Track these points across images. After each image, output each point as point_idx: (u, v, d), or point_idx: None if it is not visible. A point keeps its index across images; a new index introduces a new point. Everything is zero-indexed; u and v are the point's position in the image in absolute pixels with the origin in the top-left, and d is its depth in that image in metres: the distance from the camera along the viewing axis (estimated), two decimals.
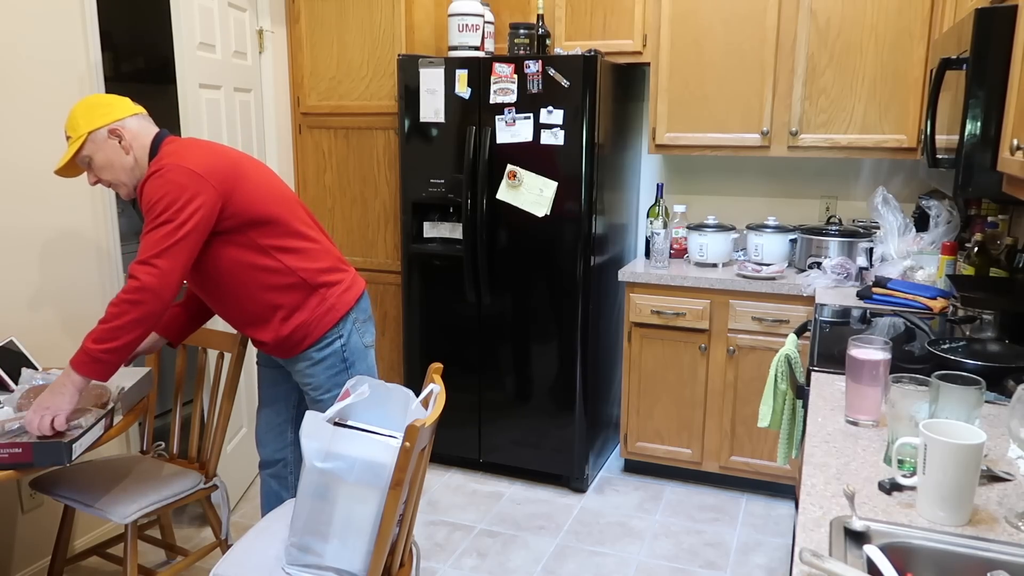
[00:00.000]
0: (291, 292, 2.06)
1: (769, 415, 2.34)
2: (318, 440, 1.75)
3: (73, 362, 1.84)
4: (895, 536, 1.16)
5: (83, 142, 1.97)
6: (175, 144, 2.02)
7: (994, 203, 2.62)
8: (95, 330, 1.84)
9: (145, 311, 1.84)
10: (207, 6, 2.80)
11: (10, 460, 1.78)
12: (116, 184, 2.03)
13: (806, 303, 2.99)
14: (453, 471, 3.47)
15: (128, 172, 2.01)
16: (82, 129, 1.97)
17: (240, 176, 1.99)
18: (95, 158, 1.99)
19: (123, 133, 1.99)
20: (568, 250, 3.09)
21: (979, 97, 1.74)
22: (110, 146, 1.99)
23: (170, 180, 1.88)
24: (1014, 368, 1.77)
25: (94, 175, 2.02)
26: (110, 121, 1.99)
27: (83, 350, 1.84)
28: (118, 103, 2.04)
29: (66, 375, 1.85)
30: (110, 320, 1.84)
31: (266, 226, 2.01)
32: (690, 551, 2.86)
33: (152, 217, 1.87)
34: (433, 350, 3.38)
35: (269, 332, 2.09)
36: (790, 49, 3.11)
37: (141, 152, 2.01)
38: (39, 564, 2.58)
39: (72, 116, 2.00)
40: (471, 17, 3.17)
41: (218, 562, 1.86)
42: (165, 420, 3.68)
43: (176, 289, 1.89)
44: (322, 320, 2.09)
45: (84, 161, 2.01)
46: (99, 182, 2.03)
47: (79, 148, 1.98)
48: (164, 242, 1.85)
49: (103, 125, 1.98)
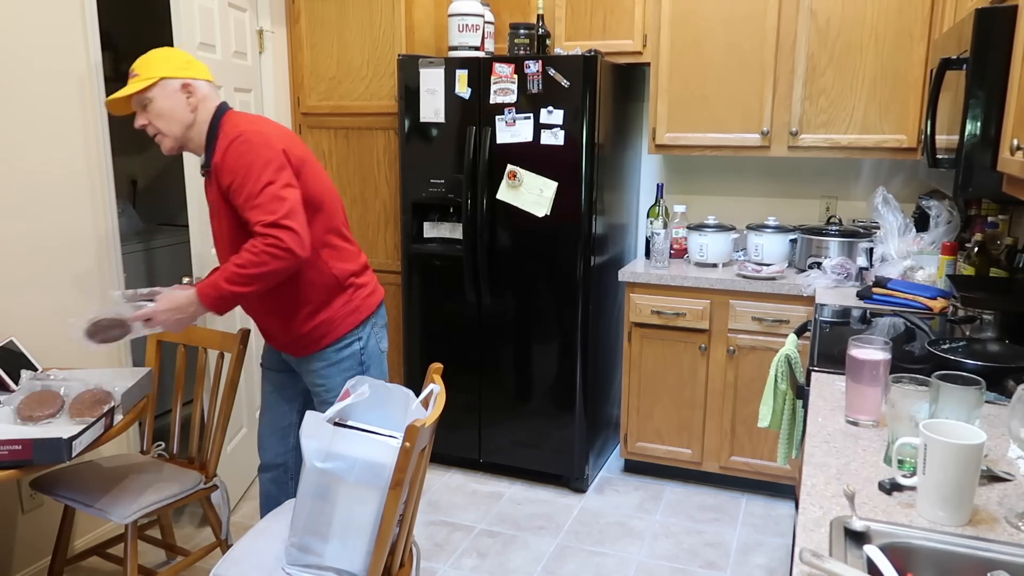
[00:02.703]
0: (322, 288, 2.09)
1: (769, 415, 2.34)
2: (318, 440, 1.75)
3: (201, 293, 1.91)
4: (895, 536, 1.16)
5: (152, 84, 1.98)
6: (244, 115, 2.07)
7: (994, 203, 2.62)
8: (230, 271, 1.90)
9: (283, 266, 1.91)
10: (207, 6, 2.80)
11: (10, 457, 1.78)
12: (164, 135, 2.03)
13: (806, 303, 2.99)
14: (453, 471, 3.47)
15: (183, 128, 2.03)
16: (156, 72, 1.99)
17: (306, 159, 2.05)
18: (157, 103, 2.00)
19: (195, 91, 2.02)
20: (568, 250, 3.09)
21: (979, 97, 1.74)
22: (178, 98, 2.01)
23: (258, 143, 1.94)
24: (1014, 368, 1.77)
25: (146, 118, 2.02)
26: (186, 76, 2.02)
27: (213, 285, 1.90)
28: (197, 64, 2.08)
29: (188, 300, 1.92)
30: (247, 267, 1.89)
31: (315, 216, 2.04)
32: (690, 551, 2.86)
33: (252, 178, 1.91)
34: (433, 350, 3.38)
35: (291, 325, 2.10)
36: (790, 49, 3.11)
37: (204, 115, 2.04)
38: (39, 564, 2.58)
39: (149, 57, 2.02)
40: (471, 17, 3.17)
41: (218, 562, 1.86)
42: (165, 420, 3.67)
43: (309, 246, 1.94)
44: (345, 320, 2.12)
45: (142, 102, 2.00)
46: (146, 127, 2.03)
47: (146, 88, 1.98)
48: (282, 202, 1.90)
49: (179, 76, 2.01)
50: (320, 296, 2.09)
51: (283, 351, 2.20)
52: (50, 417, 1.95)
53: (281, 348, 2.18)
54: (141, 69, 2.01)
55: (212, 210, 2.10)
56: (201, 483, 2.35)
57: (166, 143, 2.05)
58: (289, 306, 2.09)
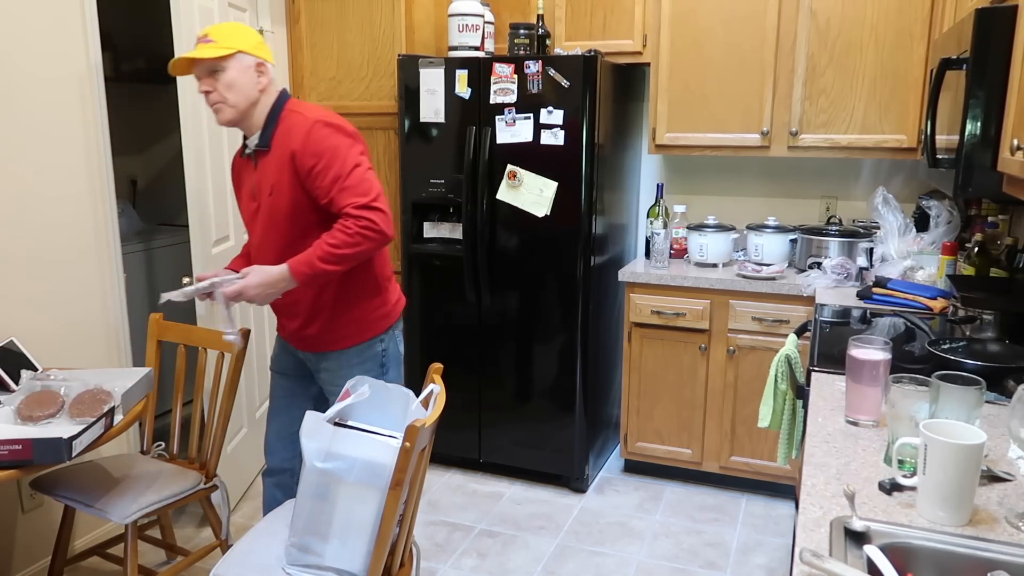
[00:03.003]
0: (364, 285, 2.13)
1: (769, 415, 2.34)
2: (318, 440, 1.75)
3: (293, 270, 1.95)
4: (895, 536, 1.16)
5: (230, 55, 1.99)
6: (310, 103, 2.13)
7: (994, 203, 2.62)
8: (324, 250, 1.94)
9: (373, 247, 1.98)
10: (207, 6, 2.80)
11: (10, 457, 1.78)
12: (229, 105, 2.02)
13: (806, 303, 2.99)
14: (453, 471, 3.47)
15: (248, 103, 2.03)
16: (235, 44, 2.00)
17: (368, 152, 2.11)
18: (229, 74, 2.00)
19: (266, 71, 2.06)
20: (568, 250, 3.09)
21: (979, 97, 1.74)
22: (250, 75, 2.02)
23: (341, 127, 2.01)
24: (1014, 368, 1.77)
25: (211, 85, 2.00)
26: (262, 57, 2.05)
27: (307, 263, 1.95)
28: (266, 48, 2.10)
29: (280, 276, 1.96)
30: (342, 247, 1.94)
31: None
32: (690, 551, 2.86)
33: (339, 160, 1.96)
34: (433, 350, 3.38)
35: (322, 317, 2.11)
36: (790, 49, 3.11)
37: (268, 98, 2.06)
38: (39, 564, 2.58)
39: (225, 27, 2.03)
40: (471, 17, 3.17)
41: (218, 562, 1.86)
42: (165, 420, 3.67)
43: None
44: (375, 324, 2.16)
45: (213, 68, 1.99)
46: (210, 94, 2.01)
47: (223, 57, 1.98)
48: (371, 184, 1.98)
49: (255, 55, 2.03)
50: (360, 293, 2.13)
51: (303, 347, 2.19)
52: (50, 417, 1.95)
53: (302, 342, 2.17)
54: (218, 36, 2.00)
55: (261, 191, 2.08)
56: (201, 483, 2.35)
57: (227, 114, 2.04)
58: (324, 297, 2.10)
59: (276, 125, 2.05)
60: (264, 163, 2.06)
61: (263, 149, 2.06)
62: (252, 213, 2.13)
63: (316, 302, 2.11)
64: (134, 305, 3.05)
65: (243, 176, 2.16)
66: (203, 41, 2.00)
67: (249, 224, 2.17)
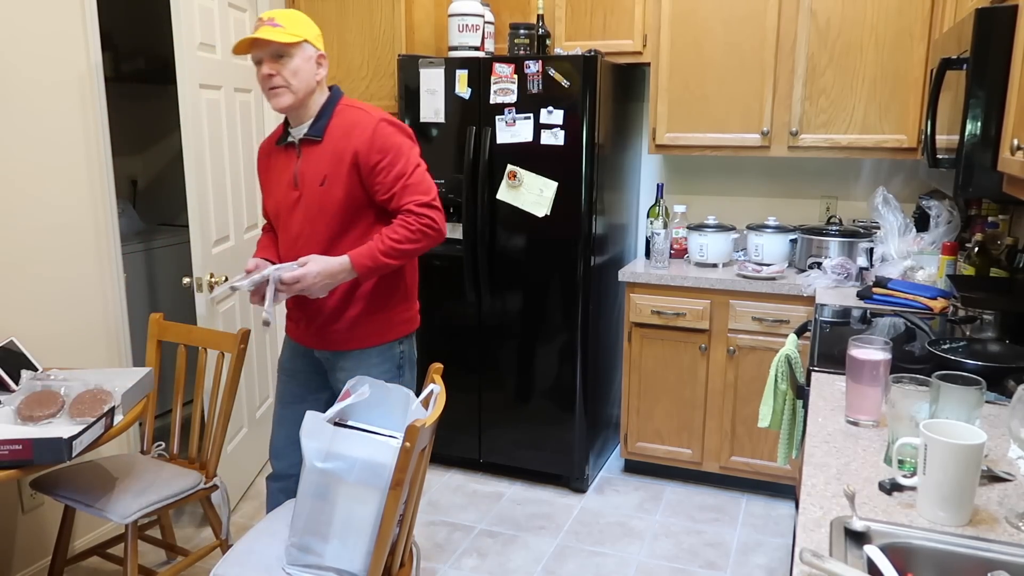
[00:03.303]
0: (394, 288, 2.16)
1: (769, 415, 2.34)
2: (318, 440, 1.75)
3: (355, 262, 1.99)
4: (895, 536, 1.16)
5: (298, 43, 2.01)
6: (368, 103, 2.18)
7: (994, 203, 2.62)
8: (386, 245, 1.99)
9: (430, 245, 2.05)
10: (207, 6, 2.80)
11: (10, 457, 1.78)
12: (291, 91, 2.03)
13: (806, 303, 2.99)
14: (453, 471, 3.47)
15: (306, 91, 2.06)
16: (303, 32, 2.02)
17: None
18: (295, 61, 2.01)
19: (325, 65, 2.10)
20: (568, 250, 3.09)
21: (979, 97, 1.74)
22: (311, 65, 2.05)
23: (403, 129, 2.09)
24: (1014, 368, 1.77)
25: (275, 69, 2.01)
26: (322, 50, 2.09)
27: (370, 256, 1.99)
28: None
29: (341, 267, 1.98)
30: (403, 242, 2.00)
31: None
32: (690, 551, 2.86)
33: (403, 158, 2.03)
34: (433, 350, 3.37)
35: (352, 313, 2.12)
36: (790, 49, 3.11)
37: (322, 91, 2.10)
38: (39, 564, 2.58)
39: (293, 15, 2.04)
40: (471, 17, 3.16)
41: (218, 562, 1.86)
42: (165, 420, 3.68)
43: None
44: (398, 326, 2.19)
45: (281, 52, 2.00)
46: (273, 77, 2.01)
47: (292, 43, 2.00)
48: (431, 184, 2.07)
49: (318, 47, 2.07)
50: (391, 294, 2.16)
51: (323, 346, 2.18)
52: (50, 417, 1.95)
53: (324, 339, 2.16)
54: (285, 22, 2.01)
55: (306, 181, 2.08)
56: (201, 483, 2.35)
57: (286, 99, 2.04)
58: (368, 294, 2.12)
59: (330, 118, 2.08)
60: (314, 153, 2.07)
61: (314, 139, 2.07)
62: (292, 202, 2.11)
63: (349, 298, 2.12)
64: (134, 305, 3.05)
65: (278, 164, 2.15)
66: (269, 24, 2.00)
67: (284, 214, 2.14)
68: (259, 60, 2.02)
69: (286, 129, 2.15)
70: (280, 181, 2.14)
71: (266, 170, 2.21)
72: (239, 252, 3.10)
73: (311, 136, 2.07)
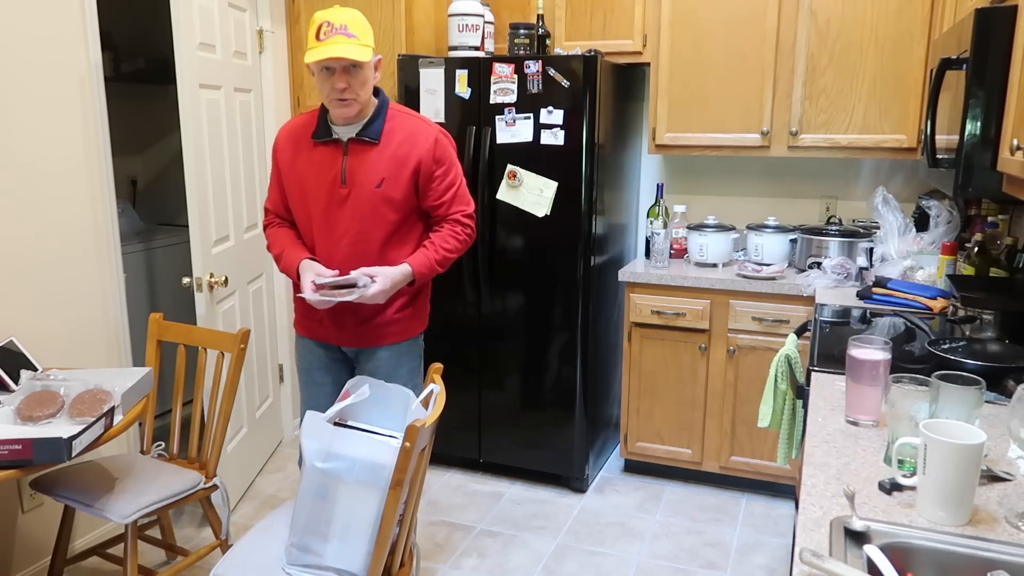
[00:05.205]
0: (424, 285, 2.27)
1: (769, 415, 2.34)
2: (318, 440, 1.75)
3: (417, 272, 2.12)
4: (895, 536, 1.16)
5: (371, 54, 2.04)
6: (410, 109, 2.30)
7: (994, 203, 2.62)
8: (441, 255, 2.15)
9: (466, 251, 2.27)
10: (207, 6, 2.80)
11: (10, 457, 1.78)
12: (359, 102, 2.06)
13: (806, 303, 2.99)
14: (453, 471, 3.47)
15: (367, 98, 2.10)
16: (371, 41, 2.05)
17: None
18: (366, 72, 2.05)
19: (380, 67, 2.13)
20: (568, 250, 3.09)
21: (979, 97, 1.74)
22: (371, 71, 2.08)
23: (453, 144, 2.23)
24: (1014, 368, 1.77)
25: (348, 81, 2.01)
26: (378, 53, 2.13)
27: (428, 267, 2.14)
28: None
29: (404, 277, 2.11)
30: (453, 252, 2.18)
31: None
32: (690, 551, 2.86)
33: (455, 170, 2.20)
34: (433, 350, 3.35)
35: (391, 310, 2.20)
36: (790, 49, 3.11)
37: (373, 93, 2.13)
38: (39, 564, 2.58)
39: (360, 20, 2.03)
40: (471, 17, 3.16)
41: (218, 562, 1.86)
42: (165, 420, 3.67)
43: None
44: (423, 320, 2.33)
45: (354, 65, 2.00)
46: (345, 90, 2.01)
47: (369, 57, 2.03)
48: (471, 197, 2.25)
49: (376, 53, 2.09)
50: (421, 289, 2.27)
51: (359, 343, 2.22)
52: (50, 417, 1.95)
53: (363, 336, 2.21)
54: (358, 31, 2.00)
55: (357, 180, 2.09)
56: (201, 483, 2.35)
57: (353, 108, 2.06)
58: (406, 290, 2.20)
59: (383, 122, 2.11)
60: (368, 154, 2.09)
61: (370, 141, 2.09)
62: (338, 200, 2.11)
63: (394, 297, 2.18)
64: (134, 305, 3.05)
65: (316, 159, 2.13)
66: (343, 32, 1.97)
67: (325, 210, 2.13)
68: (330, 68, 2.01)
69: (327, 124, 2.13)
70: (321, 177, 2.12)
71: (296, 164, 2.17)
72: (239, 252, 3.10)
73: (367, 138, 2.09)
